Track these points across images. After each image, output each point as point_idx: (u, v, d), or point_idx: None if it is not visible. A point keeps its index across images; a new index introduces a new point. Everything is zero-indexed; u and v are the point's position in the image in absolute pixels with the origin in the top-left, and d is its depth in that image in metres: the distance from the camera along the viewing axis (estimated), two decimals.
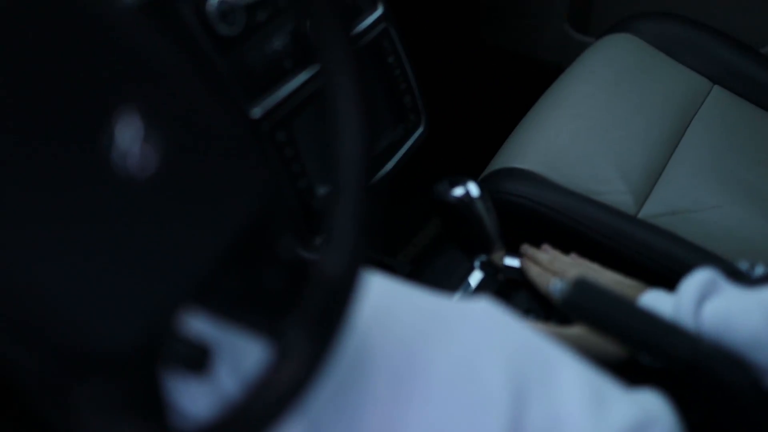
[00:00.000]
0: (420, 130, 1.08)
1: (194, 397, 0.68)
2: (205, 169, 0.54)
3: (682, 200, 1.11)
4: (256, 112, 0.85)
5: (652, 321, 0.77)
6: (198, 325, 0.64)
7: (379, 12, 1.02)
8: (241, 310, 0.58)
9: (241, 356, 0.66)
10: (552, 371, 0.68)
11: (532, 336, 0.71)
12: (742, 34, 1.41)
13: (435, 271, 1.07)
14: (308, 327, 0.57)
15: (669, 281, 1.02)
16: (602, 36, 1.43)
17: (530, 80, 1.38)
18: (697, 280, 0.82)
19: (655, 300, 0.84)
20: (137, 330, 0.50)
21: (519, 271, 1.02)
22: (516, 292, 1.01)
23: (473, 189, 0.93)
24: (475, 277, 1.03)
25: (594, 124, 1.22)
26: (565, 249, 1.10)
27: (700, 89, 1.31)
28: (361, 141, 0.63)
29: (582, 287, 0.78)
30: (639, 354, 0.79)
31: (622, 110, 1.24)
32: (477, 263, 0.98)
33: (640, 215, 1.10)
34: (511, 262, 1.03)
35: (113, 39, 0.50)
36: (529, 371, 0.67)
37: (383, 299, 0.72)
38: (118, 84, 0.50)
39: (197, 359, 0.56)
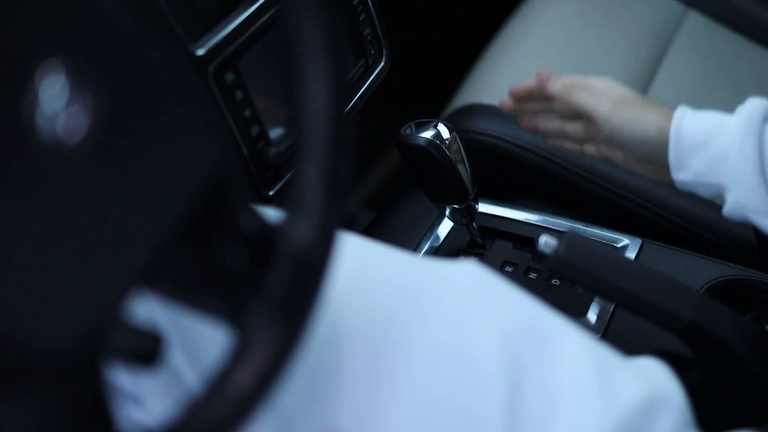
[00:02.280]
0: (381, 65, 0.98)
1: (148, 395, 0.60)
2: (146, 129, 0.44)
3: None
4: (200, 50, 0.75)
5: (651, 279, 0.70)
6: (148, 310, 0.55)
7: None
8: (198, 291, 0.49)
9: (199, 345, 0.57)
10: (549, 340, 0.61)
11: (526, 303, 0.63)
12: None
13: (399, 220, 0.98)
14: (274, 309, 0.49)
15: (653, 225, 0.95)
16: None
17: (493, 4, 1.28)
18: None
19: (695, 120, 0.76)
20: (75, 327, 0.41)
21: (492, 218, 0.94)
22: (491, 243, 0.93)
23: (444, 130, 0.85)
24: (445, 227, 0.95)
25: (564, 55, 1.13)
26: (542, 192, 1.02)
27: (675, 14, 1.22)
28: (334, 76, 0.54)
29: (574, 243, 0.70)
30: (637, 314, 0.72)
31: (594, 39, 1.15)
32: (447, 211, 0.90)
33: None
34: (483, 207, 0.95)
35: None
36: (524, 341, 0.60)
37: (356, 268, 0.63)
38: (39, 36, 0.40)
39: (148, 350, 0.47)
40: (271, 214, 0.53)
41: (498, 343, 0.59)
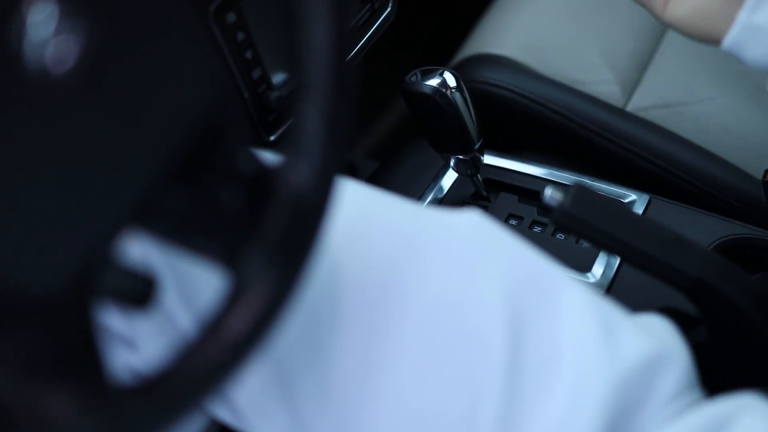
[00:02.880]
0: (388, 11, 0.96)
1: (141, 338, 0.58)
2: (138, 59, 0.42)
3: (674, 91, 1.01)
4: None
5: (658, 235, 0.68)
6: (142, 250, 0.54)
7: None
8: (193, 232, 0.48)
9: (193, 287, 0.56)
10: (551, 293, 0.59)
11: (528, 254, 0.61)
12: None
13: (403, 170, 0.96)
14: (270, 252, 0.47)
15: (662, 181, 0.94)
16: None
17: None
18: None
19: None
20: (62, 266, 0.40)
21: (498, 170, 0.92)
22: (495, 195, 0.91)
23: (450, 79, 0.82)
24: (449, 178, 0.93)
25: (576, 6, 1.10)
26: (549, 145, 1.00)
27: None
28: (336, 17, 0.52)
29: (580, 196, 0.68)
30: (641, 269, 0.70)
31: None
32: (452, 162, 0.88)
33: (629, 108, 1.00)
34: (488, 159, 0.93)
35: None
36: (526, 294, 0.58)
37: (356, 214, 0.62)
38: None
39: (141, 292, 0.46)
40: (270, 157, 0.51)
41: (499, 294, 0.57)
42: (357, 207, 0.62)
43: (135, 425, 0.41)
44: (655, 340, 0.59)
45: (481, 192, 0.90)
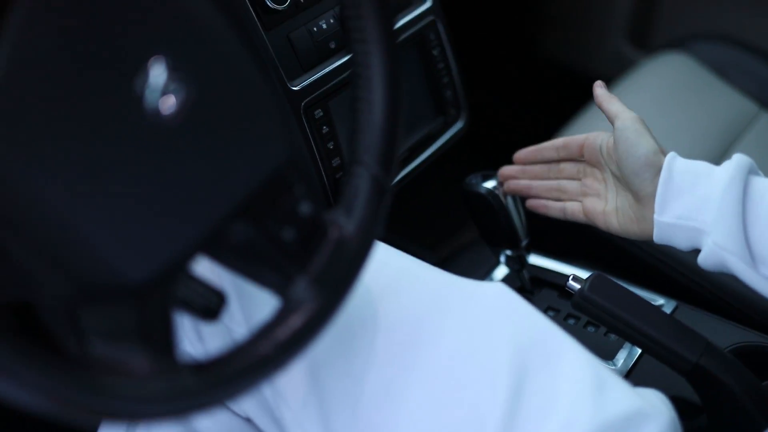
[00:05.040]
0: (459, 125, 1.10)
1: (205, 336, 0.71)
2: (228, 114, 0.57)
3: None
4: (295, 86, 0.88)
5: (664, 322, 0.78)
6: (215, 272, 0.67)
7: (427, 5, 1.04)
8: (254, 262, 0.60)
9: (251, 305, 0.69)
10: (556, 354, 0.70)
11: (540, 320, 0.72)
12: None
13: (461, 264, 1.08)
14: (315, 284, 0.60)
15: (690, 290, 1.03)
16: (656, 53, 1.44)
17: (578, 91, 1.39)
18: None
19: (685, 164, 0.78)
20: (150, 267, 0.53)
21: (543, 270, 1.04)
22: (539, 290, 1.02)
23: None
24: (500, 272, 1.05)
25: None
26: (591, 253, 1.11)
27: (748, 112, 1.30)
28: (387, 115, 0.66)
29: (597, 283, 0.79)
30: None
31: (665, 126, 1.24)
32: (503, 258, 1.00)
33: None
34: (537, 260, 1.04)
35: None
36: (534, 351, 0.69)
37: (399, 269, 0.74)
38: (159, 32, 0.54)
39: (213, 305, 0.58)
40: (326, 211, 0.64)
41: (509, 351, 0.68)
42: (402, 265, 0.75)
43: (190, 392, 0.54)
44: (642, 400, 0.68)
45: (526, 286, 1.01)
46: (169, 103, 0.52)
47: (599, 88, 0.86)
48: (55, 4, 0.50)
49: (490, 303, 0.72)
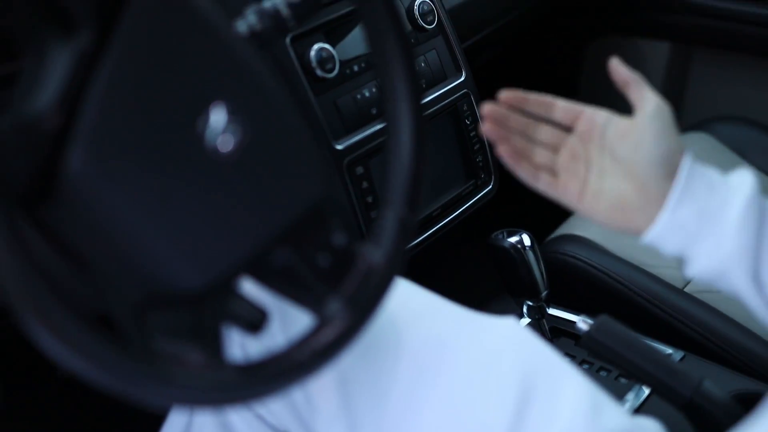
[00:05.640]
0: (488, 188, 1.21)
1: (248, 344, 0.81)
2: (276, 157, 0.68)
3: None
4: (339, 145, 1.00)
5: (662, 362, 0.86)
6: (259, 291, 0.77)
7: (461, 78, 1.16)
8: (292, 284, 0.70)
9: (290, 320, 0.79)
10: (559, 381, 0.78)
11: (548, 352, 0.81)
12: None
13: (487, 313, 1.17)
14: (346, 304, 0.70)
15: (699, 344, 1.11)
16: (680, 134, 1.54)
17: None
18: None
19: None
20: (204, 279, 0.63)
21: (562, 320, 1.12)
22: (557, 339, 1.11)
23: (526, 239, 1.05)
24: (522, 322, 1.14)
25: None
26: (611, 310, 1.19)
27: (763, 186, 1.38)
28: (411, 166, 0.77)
29: (603, 325, 0.88)
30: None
31: None
32: (525, 309, 1.09)
33: (687, 289, 1.19)
34: (556, 312, 1.13)
35: (225, 51, 0.66)
36: (539, 377, 0.78)
37: (422, 304, 0.84)
38: (223, 82, 0.65)
39: (256, 320, 0.69)
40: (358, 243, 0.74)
41: (517, 376, 0.77)
42: (425, 299, 0.85)
43: (235, 386, 0.63)
44: (635, 420, 0.76)
45: (546, 334, 1.10)
46: (226, 143, 0.63)
47: (620, 66, 0.79)
48: (142, 54, 0.61)
49: (502, 334, 0.81)
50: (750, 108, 1.69)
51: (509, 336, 0.81)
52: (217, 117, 0.63)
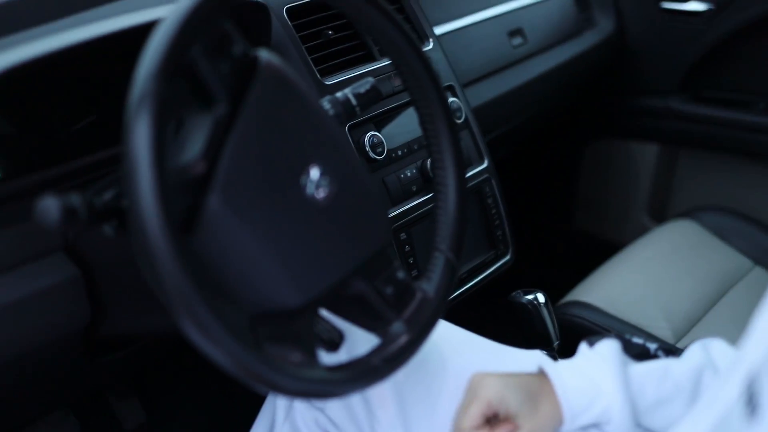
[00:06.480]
0: (506, 258, 1.41)
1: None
2: (355, 207, 0.88)
3: None
4: (389, 213, 1.21)
5: None
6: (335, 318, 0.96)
7: (484, 165, 1.38)
8: (364, 308, 0.89)
9: (358, 342, 0.98)
10: None
11: None
12: None
13: None
14: (406, 327, 0.89)
15: None
16: (667, 221, 1.76)
17: (601, 256, 1.71)
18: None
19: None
20: (303, 298, 0.82)
21: None
22: None
23: (540, 296, 1.25)
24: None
25: (649, 279, 1.53)
26: None
27: (743, 267, 1.60)
28: (455, 217, 0.97)
29: None
30: None
31: (674, 272, 1.54)
32: None
33: (678, 344, 1.38)
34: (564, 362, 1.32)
35: (320, 125, 0.87)
36: None
37: (464, 338, 1.05)
38: (318, 150, 0.85)
39: (335, 339, 0.88)
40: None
41: None
42: (467, 335, 1.05)
43: (325, 380, 0.81)
44: None
45: None
46: (320, 193, 0.83)
47: None
48: (262, 123, 0.81)
49: (530, 362, 1.01)
50: (730, 199, 1.92)
51: (535, 364, 1.01)
52: (315, 173, 0.83)
